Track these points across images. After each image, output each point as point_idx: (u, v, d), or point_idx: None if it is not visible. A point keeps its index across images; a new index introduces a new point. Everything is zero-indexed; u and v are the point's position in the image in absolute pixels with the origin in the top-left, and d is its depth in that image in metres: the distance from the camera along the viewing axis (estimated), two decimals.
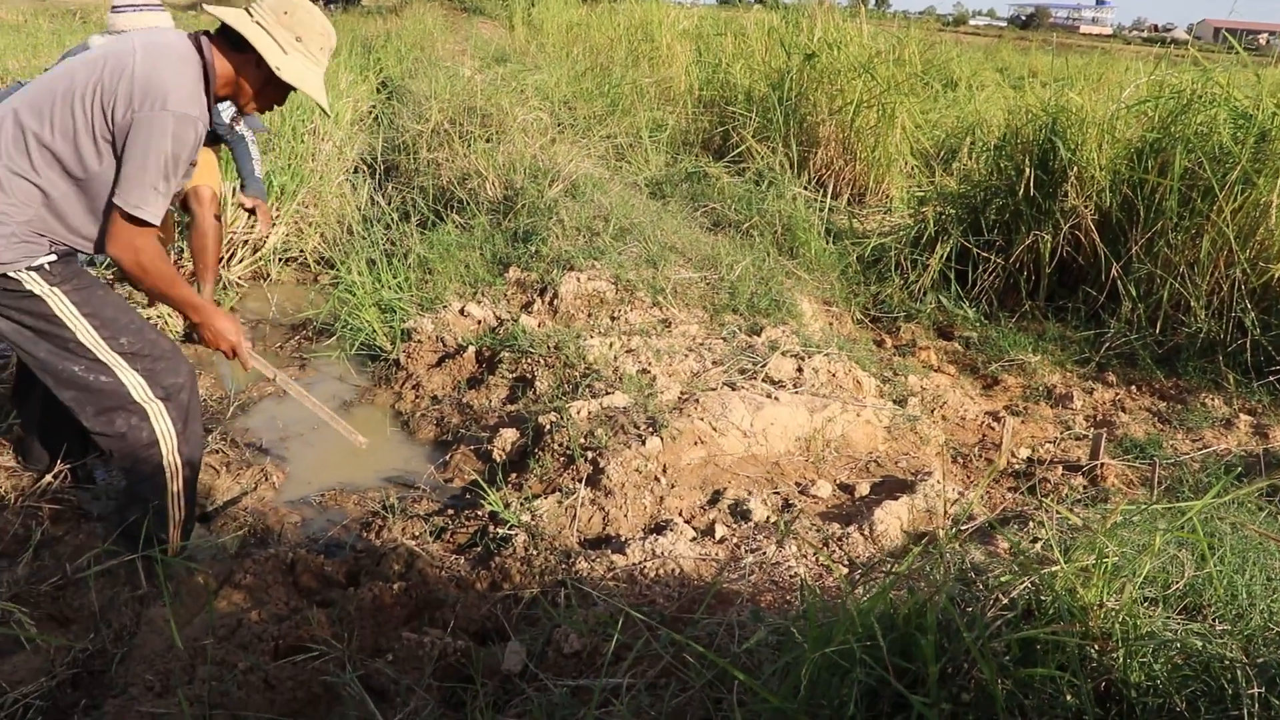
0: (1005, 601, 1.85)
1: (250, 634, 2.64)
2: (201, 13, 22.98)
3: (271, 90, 3.03)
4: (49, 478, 3.56)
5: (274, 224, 5.75)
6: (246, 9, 2.96)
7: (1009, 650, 1.74)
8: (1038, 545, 2.21)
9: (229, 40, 2.92)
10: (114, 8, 4.46)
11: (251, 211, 5.41)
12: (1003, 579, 1.96)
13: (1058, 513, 2.50)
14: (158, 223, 2.78)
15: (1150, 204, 5.61)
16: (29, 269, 2.75)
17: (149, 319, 3.63)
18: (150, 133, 2.68)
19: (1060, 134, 6.01)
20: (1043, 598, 1.84)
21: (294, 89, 3.03)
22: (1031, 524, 3.04)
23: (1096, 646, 1.74)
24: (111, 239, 2.78)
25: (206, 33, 2.95)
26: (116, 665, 2.64)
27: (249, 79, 2.97)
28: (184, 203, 5.18)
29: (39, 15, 19.73)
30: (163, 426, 3.00)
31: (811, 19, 9.40)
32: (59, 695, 2.57)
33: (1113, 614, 1.77)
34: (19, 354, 2.93)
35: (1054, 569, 1.86)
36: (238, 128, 5.17)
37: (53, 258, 2.80)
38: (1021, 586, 1.88)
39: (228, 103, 3.74)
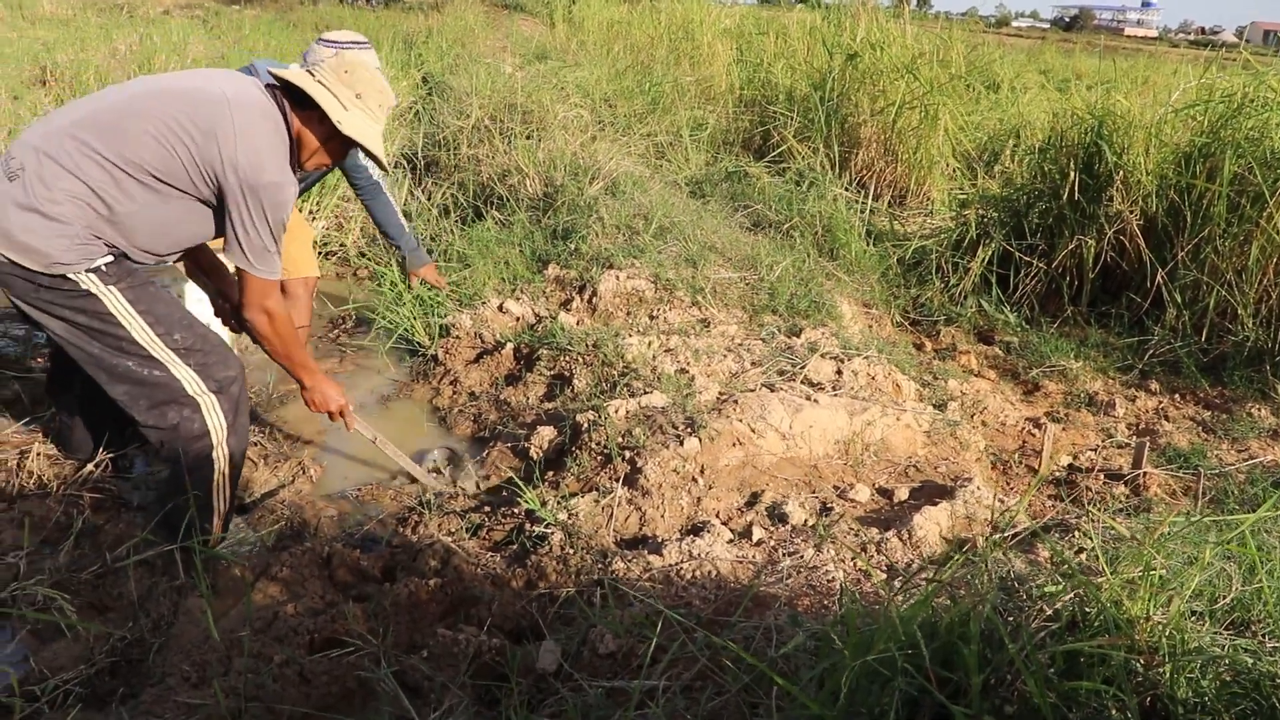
0: (1049, 612, 1.82)
1: (286, 627, 2.65)
2: (256, 10, 23.20)
3: (333, 146, 3.19)
4: (90, 466, 3.59)
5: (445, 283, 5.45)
6: (309, 70, 3.13)
7: (1053, 662, 1.71)
8: (1081, 555, 2.18)
9: (293, 98, 3.08)
10: (324, 40, 4.18)
11: (423, 281, 5.21)
12: (1047, 589, 1.94)
13: (1103, 522, 2.47)
14: (277, 279, 3.06)
15: (1198, 209, 5.53)
16: (87, 270, 2.81)
17: None
18: (254, 202, 2.89)
19: (1106, 138, 5.94)
20: (1088, 609, 1.82)
21: (354, 145, 3.19)
22: (1075, 534, 3.00)
23: (1143, 661, 1.71)
24: (247, 305, 3.04)
25: (273, 89, 3.08)
26: (154, 655, 2.67)
27: (313, 134, 3.12)
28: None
29: (87, 9, 19.94)
30: (214, 419, 3.07)
31: (854, 19, 9.34)
32: (98, 683, 2.60)
33: (1159, 628, 1.74)
34: (71, 352, 2.96)
35: (1099, 580, 1.83)
36: (373, 170, 4.80)
37: (109, 259, 2.86)
38: (1067, 597, 1.85)
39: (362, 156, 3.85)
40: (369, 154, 3.22)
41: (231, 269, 3.25)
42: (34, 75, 11.21)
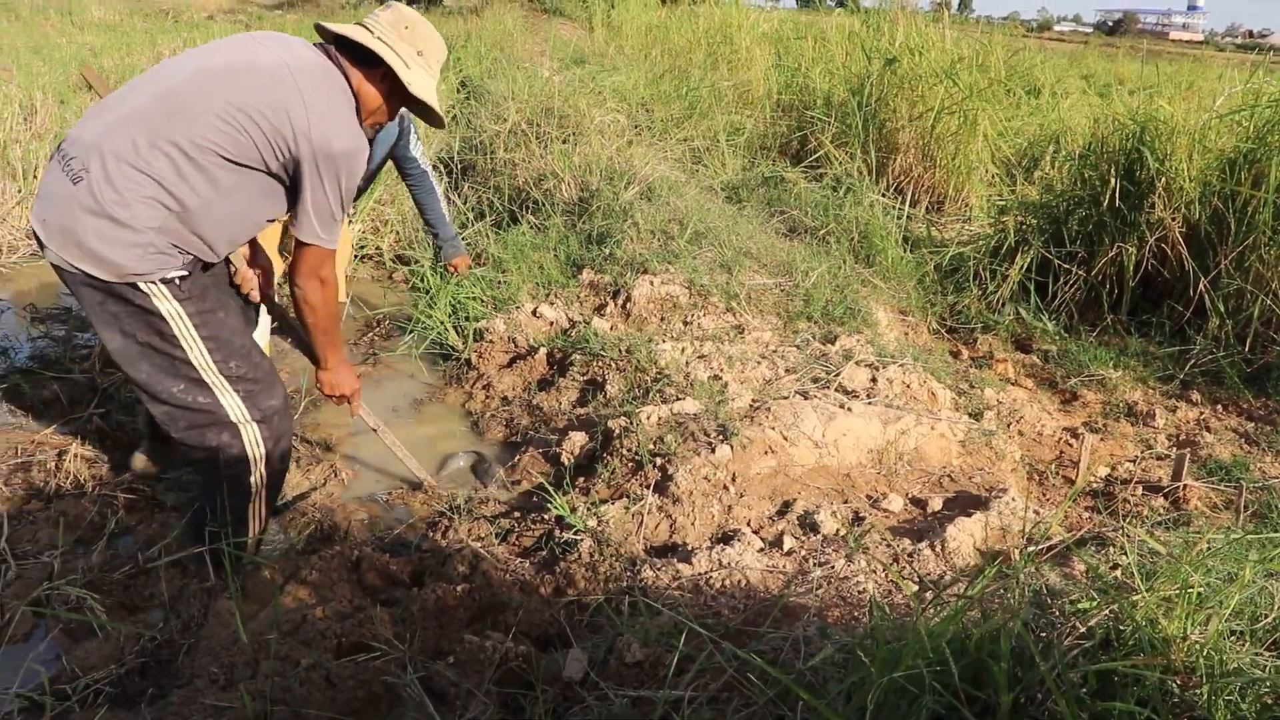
0: (1083, 630, 1.79)
1: (314, 630, 2.65)
2: (298, 14, 23.38)
3: (393, 103, 3.08)
4: (127, 469, 3.63)
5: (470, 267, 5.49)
6: (364, 25, 3.00)
7: (1086, 682, 1.68)
8: (1117, 571, 2.14)
9: (351, 54, 2.96)
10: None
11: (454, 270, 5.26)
12: (1080, 605, 1.90)
13: (1139, 537, 2.42)
14: (336, 246, 2.96)
15: (1242, 217, 5.44)
16: (162, 280, 2.72)
17: None
18: (329, 171, 2.81)
19: (1148, 144, 5.85)
20: (1122, 627, 1.78)
21: (411, 103, 3.11)
22: (1112, 548, 2.95)
23: (1179, 681, 1.67)
24: (302, 273, 2.93)
25: (325, 47, 2.97)
26: (183, 656, 2.68)
27: (373, 92, 3.01)
28: None
29: (134, 15, 20.23)
30: (253, 449, 3.02)
31: (893, 24, 9.28)
32: (127, 683, 2.62)
33: (1197, 647, 1.70)
34: (120, 367, 2.88)
35: (1135, 598, 1.80)
36: (422, 161, 4.83)
37: (184, 272, 2.76)
38: (1100, 615, 1.81)
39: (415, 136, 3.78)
40: (428, 115, 3.16)
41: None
42: (80, 80, 11.35)
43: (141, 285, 2.69)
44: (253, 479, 3.06)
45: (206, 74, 2.75)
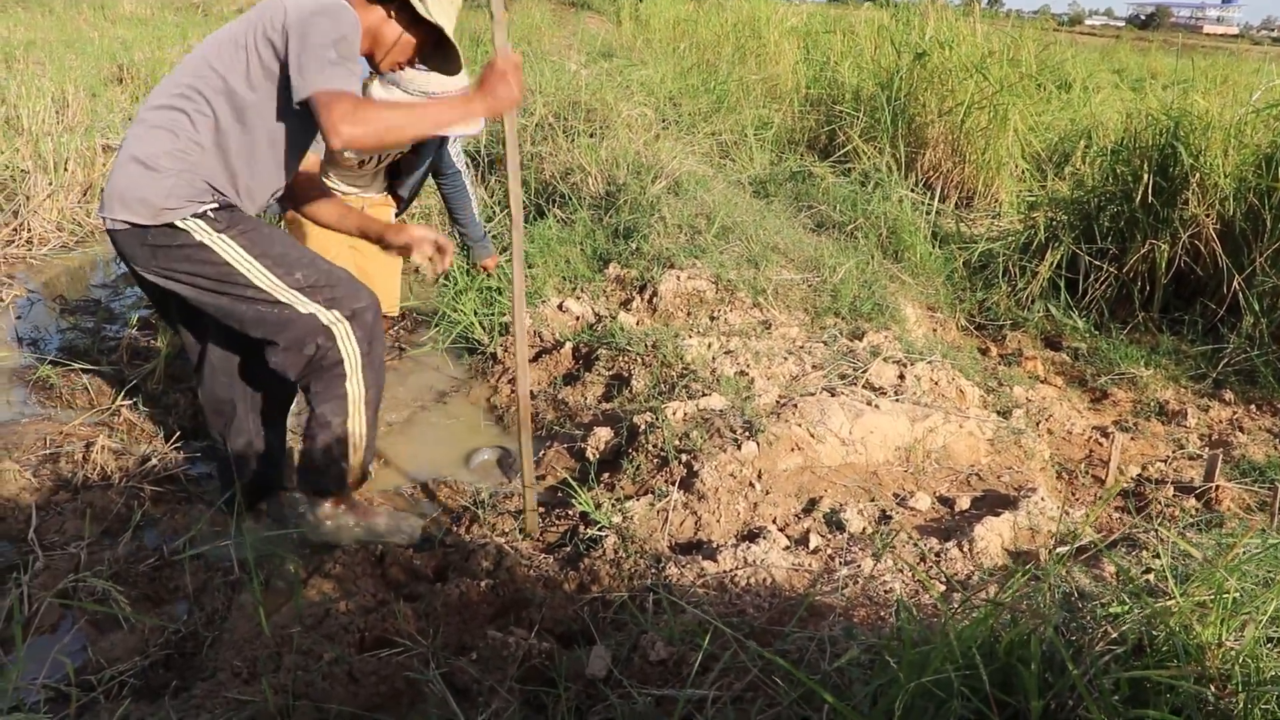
0: (1114, 635, 1.75)
1: (337, 625, 2.64)
2: None
3: (408, 39, 3.05)
4: (154, 460, 3.64)
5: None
6: None
7: (1118, 689, 1.65)
8: (1150, 575, 2.10)
9: None
10: None
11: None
12: (1112, 610, 1.87)
13: (1172, 541, 2.38)
14: (350, 88, 2.66)
15: (1279, 213, 5.36)
16: (194, 216, 2.80)
17: None
18: (313, 23, 2.70)
19: (1182, 139, 5.78)
20: (1155, 633, 1.74)
21: (433, 35, 3.08)
22: (1145, 552, 2.91)
23: (1214, 689, 1.63)
24: (330, 131, 2.61)
25: None
26: (207, 649, 2.69)
27: (388, 29, 3.01)
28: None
29: (165, 9, 20.35)
30: (348, 347, 3.04)
31: (923, 17, 9.21)
32: (151, 675, 2.62)
33: (1233, 655, 1.67)
34: (204, 310, 2.98)
35: (1168, 603, 1.76)
36: (457, 160, 4.69)
37: (215, 205, 2.84)
38: (1132, 619, 1.78)
39: (454, 135, 3.75)
40: (446, 55, 3.16)
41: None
42: (112, 73, 11.45)
43: (178, 223, 2.79)
44: (350, 383, 3.09)
45: (219, 30, 2.90)
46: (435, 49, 3.14)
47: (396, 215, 4.51)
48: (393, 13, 2.99)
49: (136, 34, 15.30)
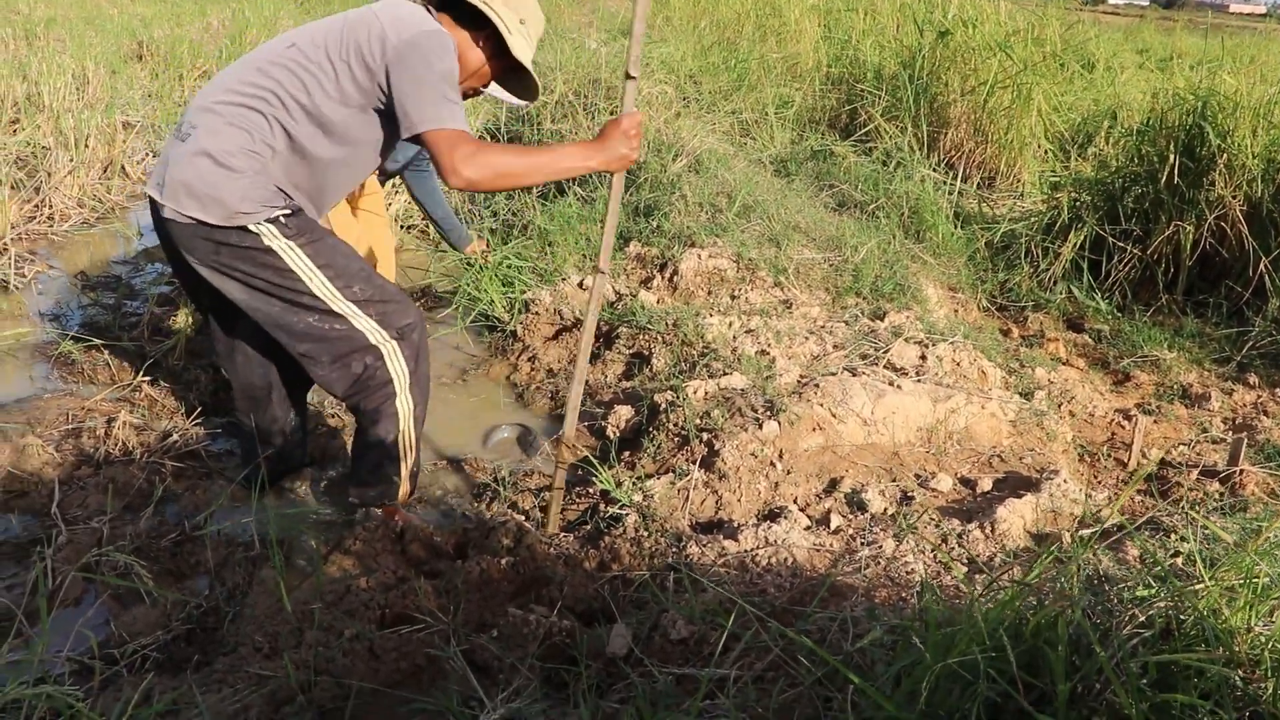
0: (1142, 619, 1.74)
1: (358, 601, 2.65)
2: None
3: (491, 68, 3.11)
4: (175, 436, 3.65)
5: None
6: None
7: (1146, 672, 1.63)
8: (1178, 559, 2.08)
9: (454, 16, 3.01)
10: None
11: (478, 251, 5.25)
12: (1138, 593, 1.85)
13: (1200, 524, 2.36)
14: (465, 128, 2.71)
15: None
16: (267, 221, 2.79)
17: None
18: (417, 57, 2.73)
19: (1209, 119, 5.72)
20: (1183, 617, 1.73)
21: (512, 69, 3.13)
22: (1172, 535, 2.89)
23: (1242, 674, 1.62)
24: (450, 171, 2.67)
25: (428, 6, 3.01)
26: (228, 624, 2.69)
27: (473, 55, 3.05)
28: None
29: None
30: (397, 366, 3.06)
31: None
32: (174, 649, 2.63)
33: (1262, 640, 1.65)
34: (251, 314, 2.98)
35: (1197, 587, 1.75)
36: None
37: (288, 211, 2.84)
38: (1160, 603, 1.76)
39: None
40: (524, 84, 3.20)
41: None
42: (131, 50, 11.45)
43: (251, 227, 2.78)
44: (399, 402, 3.11)
45: (294, 33, 2.90)
46: (512, 74, 3.18)
47: (382, 183, 4.62)
48: (481, 41, 3.04)
49: (156, 10, 15.31)
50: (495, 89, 3.26)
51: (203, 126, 2.78)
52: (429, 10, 2.95)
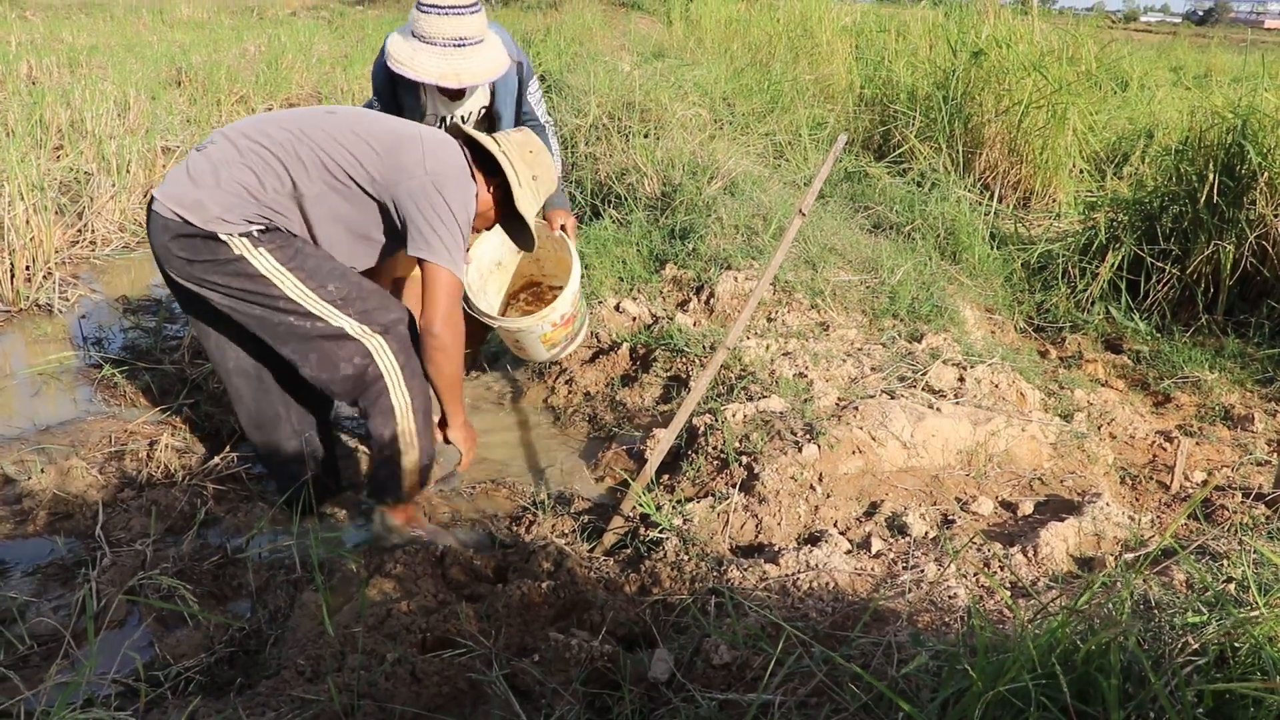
0: (1195, 646, 1.72)
1: (399, 625, 2.66)
2: (379, 10, 23.65)
3: (495, 213, 3.34)
4: (216, 459, 3.68)
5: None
6: (495, 138, 3.23)
7: (1201, 701, 1.61)
8: (1231, 585, 2.06)
9: (473, 157, 3.22)
10: (420, 5, 3.58)
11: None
12: (1189, 619, 1.83)
13: (1255, 550, 2.33)
14: (462, 276, 3.04)
15: None
16: (241, 235, 2.89)
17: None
18: (446, 194, 2.98)
19: (1250, 137, 5.67)
20: (1237, 644, 1.71)
21: (510, 219, 3.38)
22: (1226, 560, 2.85)
23: None
24: (437, 313, 2.99)
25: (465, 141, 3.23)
26: (270, 647, 2.71)
27: (482, 196, 3.24)
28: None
29: (221, 12, 20.65)
30: (386, 361, 3.12)
31: (980, 15, 9.11)
32: (217, 672, 2.65)
33: None
34: (237, 320, 3.06)
35: (1252, 614, 1.72)
36: (539, 112, 4.19)
37: (263, 228, 2.93)
38: (1213, 630, 1.74)
39: (535, 84, 4.03)
40: (521, 234, 3.41)
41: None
42: (170, 76, 11.61)
43: (222, 235, 2.88)
44: (394, 397, 3.16)
45: (343, 113, 3.10)
46: (513, 220, 3.37)
47: None
48: (492, 187, 3.24)
49: (193, 38, 15.54)
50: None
51: (220, 150, 2.95)
52: (464, 149, 3.17)
